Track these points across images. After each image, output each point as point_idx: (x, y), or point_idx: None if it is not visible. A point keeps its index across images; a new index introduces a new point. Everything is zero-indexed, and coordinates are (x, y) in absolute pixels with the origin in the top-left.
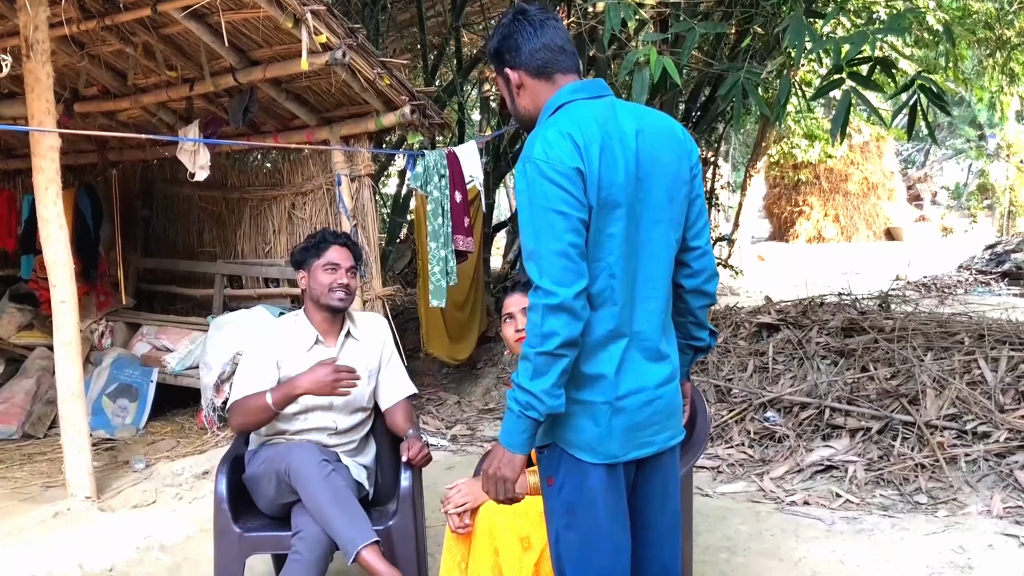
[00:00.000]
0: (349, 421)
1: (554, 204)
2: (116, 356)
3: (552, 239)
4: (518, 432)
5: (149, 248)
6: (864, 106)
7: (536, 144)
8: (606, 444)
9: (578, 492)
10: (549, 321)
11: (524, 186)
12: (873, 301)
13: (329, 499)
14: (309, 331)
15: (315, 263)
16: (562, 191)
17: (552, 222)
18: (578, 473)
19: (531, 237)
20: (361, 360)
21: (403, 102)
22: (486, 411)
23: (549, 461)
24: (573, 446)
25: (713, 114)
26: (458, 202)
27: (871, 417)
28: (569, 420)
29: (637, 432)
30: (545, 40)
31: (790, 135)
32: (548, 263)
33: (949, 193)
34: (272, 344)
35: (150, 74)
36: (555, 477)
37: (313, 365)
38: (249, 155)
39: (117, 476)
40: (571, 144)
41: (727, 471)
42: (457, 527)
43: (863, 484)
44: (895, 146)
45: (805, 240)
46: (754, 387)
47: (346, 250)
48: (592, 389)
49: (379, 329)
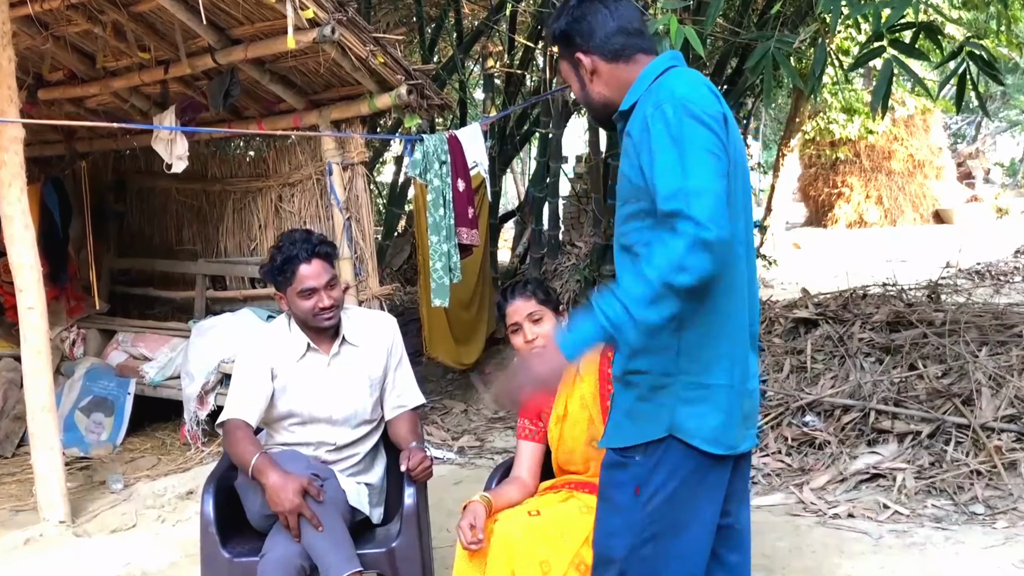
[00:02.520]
0: (350, 436)
1: (708, 145)
2: (89, 366)
3: (709, 177)
4: (587, 343)
5: (123, 247)
6: (908, 76)
7: (671, 89)
8: (730, 433)
9: (690, 491)
10: (693, 255)
11: (663, 127)
12: (921, 291)
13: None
14: (299, 339)
15: (288, 288)
16: (713, 134)
17: (707, 162)
18: (693, 469)
19: (678, 175)
20: (361, 368)
21: (399, 81)
22: (496, 420)
23: (645, 463)
24: (695, 436)
25: (741, 88)
26: (461, 191)
27: (921, 420)
28: (692, 407)
29: (748, 421)
30: (621, 22)
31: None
32: (705, 198)
33: (1003, 170)
34: (265, 351)
35: (121, 56)
36: (649, 483)
37: (287, 477)
38: (231, 143)
39: (93, 498)
40: (710, 92)
41: (763, 482)
42: (469, 542)
43: (913, 494)
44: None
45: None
46: (791, 389)
47: (319, 261)
48: (718, 370)
49: (384, 330)
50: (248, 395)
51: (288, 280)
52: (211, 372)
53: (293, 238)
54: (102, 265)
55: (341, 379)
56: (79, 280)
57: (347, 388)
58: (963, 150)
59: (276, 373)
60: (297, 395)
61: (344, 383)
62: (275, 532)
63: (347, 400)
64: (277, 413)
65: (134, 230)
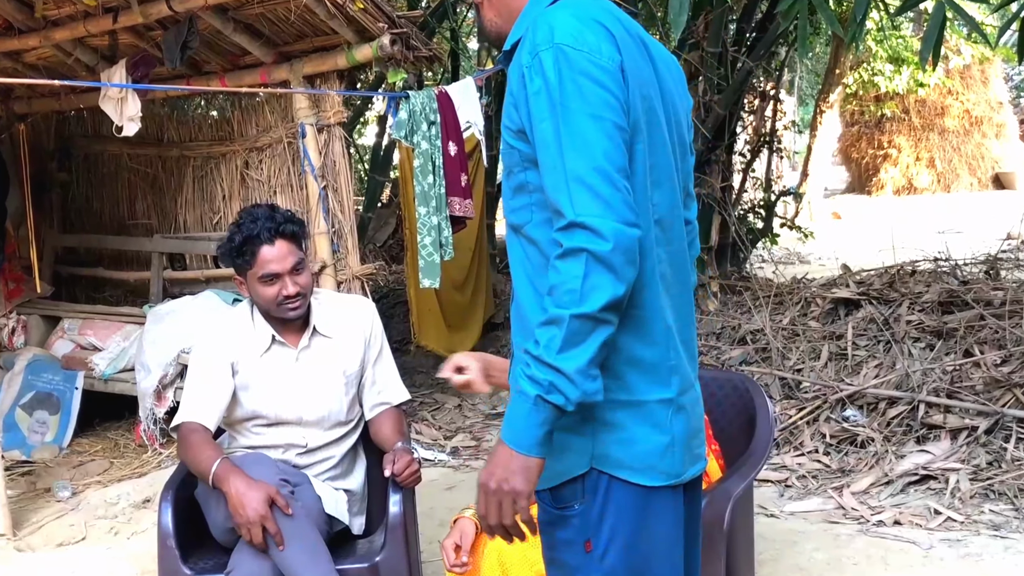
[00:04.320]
0: (324, 437)
1: (596, 108)
2: (31, 358)
3: (595, 156)
4: (534, 425)
5: (68, 222)
6: (963, 21)
7: (551, 28)
8: (669, 457)
9: (648, 532)
10: (594, 272)
11: (541, 86)
12: (978, 267)
13: (286, 528)
14: (263, 330)
15: (248, 272)
16: (605, 91)
17: (593, 133)
18: (636, 509)
19: (557, 155)
20: (334, 362)
21: (381, 30)
22: (494, 416)
23: (587, 512)
24: (623, 467)
25: (772, 36)
26: (453, 155)
27: (977, 414)
28: (614, 432)
29: (693, 441)
30: None
31: (871, 60)
32: (590, 190)
33: None
34: (225, 342)
35: (63, 3)
36: (599, 533)
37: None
38: (190, 103)
39: (37, 507)
40: (605, 32)
41: (797, 485)
42: (452, 565)
43: (968, 497)
44: (1004, 70)
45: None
46: (829, 379)
47: (283, 242)
48: (647, 382)
49: (362, 318)
50: (205, 395)
51: (248, 263)
52: (169, 364)
53: (255, 215)
54: (44, 243)
55: (311, 376)
56: (18, 260)
57: (318, 386)
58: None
59: (237, 368)
60: (261, 394)
61: (315, 380)
62: (242, 546)
63: (319, 399)
64: (240, 414)
65: (80, 203)
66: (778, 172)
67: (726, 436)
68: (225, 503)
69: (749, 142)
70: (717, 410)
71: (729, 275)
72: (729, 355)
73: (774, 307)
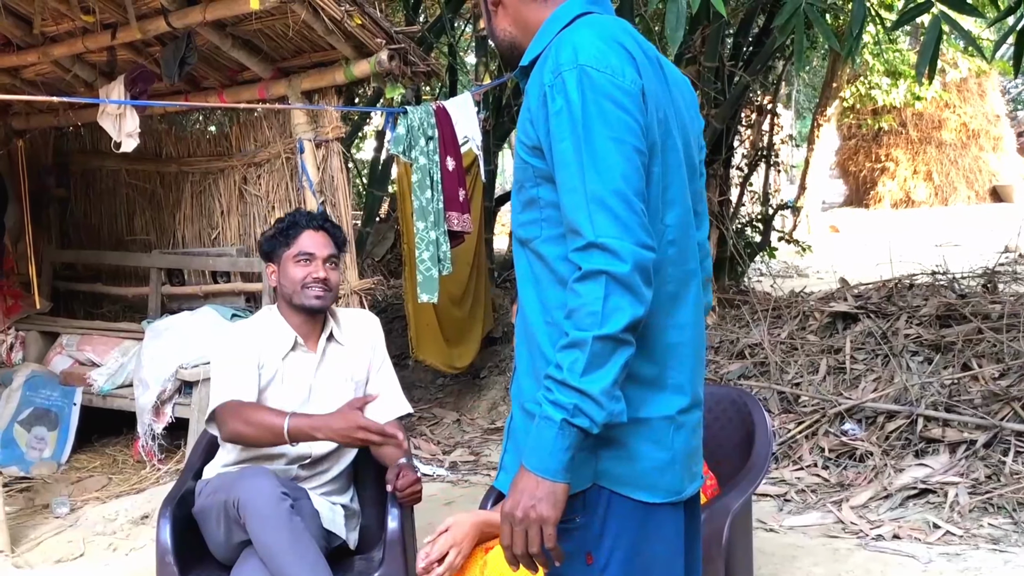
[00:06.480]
0: (328, 447)
1: (617, 131)
2: (29, 374)
3: (615, 179)
4: (560, 450)
5: (67, 238)
6: (959, 35)
7: (575, 48)
8: (670, 474)
9: (649, 546)
10: (614, 293)
11: (563, 106)
12: (976, 281)
13: (288, 542)
14: (286, 333)
15: (285, 253)
16: (626, 115)
17: (614, 156)
18: (638, 524)
19: (578, 175)
20: (345, 369)
21: (379, 46)
22: (493, 431)
23: (589, 524)
24: (626, 483)
25: (769, 50)
26: (451, 170)
27: (976, 427)
28: (616, 448)
29: (692, 459)
30: None
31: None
32: (611, 212)
33: None
34: (251, 341)
35: (62, 19)
36: (600, 546)
37: (341, 407)
38: (188, 118)
39: (35, 523)
40: (626, 54)
41: (796, 499)
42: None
43: (967, 511)
44: (1001, 83)
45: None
46: (828, 393)
47: (324, 236)
48: (647, 398)
49: (368, 331)
50: (239, 379)
51: (287, 242)
52: (168, 379)
53: (305, 211)
54: (43, 258)
55: (327, 381)
56: (17, 276)
57: (332, 391)
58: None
59: (261, 369)
60: (279, 396)
61: (330, 386)
62: (242, 562)
63: (332, 405)
64: None
65: (79, 218)
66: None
67: (724, 451)
68: (224, 516)
69: (747, 156)
70: (715, 424)
71: (727, 289)
72: (727, 369)
73: (772, 321)
